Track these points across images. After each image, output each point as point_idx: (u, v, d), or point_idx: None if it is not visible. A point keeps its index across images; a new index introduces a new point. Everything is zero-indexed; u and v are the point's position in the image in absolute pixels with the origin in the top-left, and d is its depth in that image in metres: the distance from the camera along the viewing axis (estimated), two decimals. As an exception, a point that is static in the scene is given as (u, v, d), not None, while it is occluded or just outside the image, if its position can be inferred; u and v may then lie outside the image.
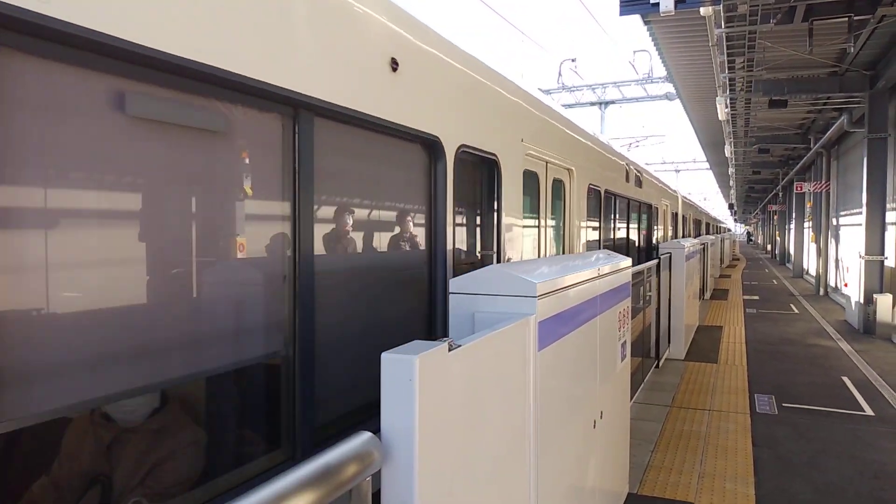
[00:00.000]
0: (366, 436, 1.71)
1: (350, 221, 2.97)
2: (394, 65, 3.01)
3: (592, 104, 26.08)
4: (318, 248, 2.64)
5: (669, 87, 22.64)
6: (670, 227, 16.76)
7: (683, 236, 20.43)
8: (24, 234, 1.62)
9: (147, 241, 1.92)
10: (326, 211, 2.75)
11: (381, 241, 3.27)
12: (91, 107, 1.76)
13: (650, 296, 8.33)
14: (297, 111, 2.46)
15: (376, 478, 1.75)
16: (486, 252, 4.31)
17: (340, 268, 2.91)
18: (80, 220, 1.76)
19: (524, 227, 4.87)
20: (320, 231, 2.67)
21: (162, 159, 1.98)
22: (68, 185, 1.74)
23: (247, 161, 2.32)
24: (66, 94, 1.70)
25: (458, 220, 3.86)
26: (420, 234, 3.50)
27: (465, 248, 4.11)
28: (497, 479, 2.37)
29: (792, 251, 29.05)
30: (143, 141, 1.91)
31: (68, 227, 1.73)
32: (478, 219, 4.36)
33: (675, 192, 18.33)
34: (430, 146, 3.48)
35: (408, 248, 3.46)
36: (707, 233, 34.12)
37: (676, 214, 18.33)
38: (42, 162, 1.65)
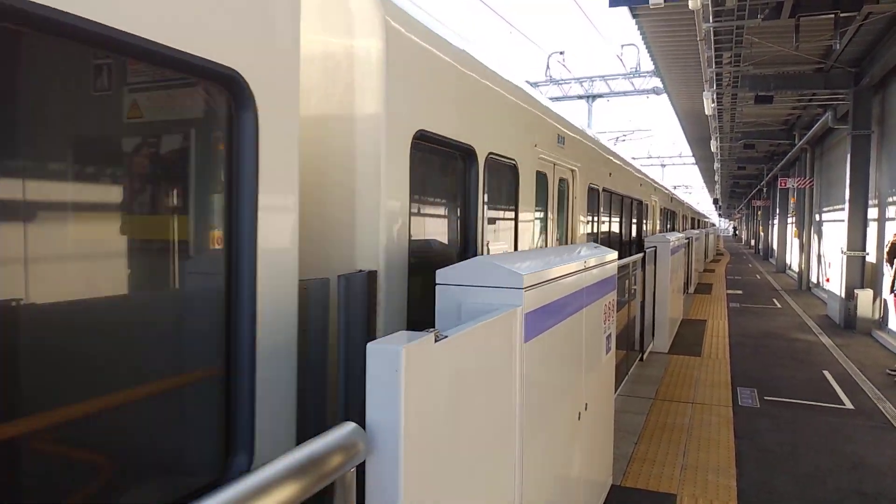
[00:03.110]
0: (350, 426, 1.70)
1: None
2: None
3: (580, 97, 26.11)
4: None
5: (657, 82, 22.73)
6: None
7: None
8: None
9: None
10: None
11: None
12: None
13: (635, 289, 8.38)
14: None
15: (361, 469, 1.74)
16: None
17: None
18: None
19: None
20: None
21: None
22: None
23: None
24: None
25: None
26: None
27: None
28: (482, 470, 2.37)
29: (775, 246, 29.36)
30: None
31: None
32: None
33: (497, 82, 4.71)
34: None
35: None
36: (672, 228, 22.35)
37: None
38: None
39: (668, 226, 21.44)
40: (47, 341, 1.62)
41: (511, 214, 4.96)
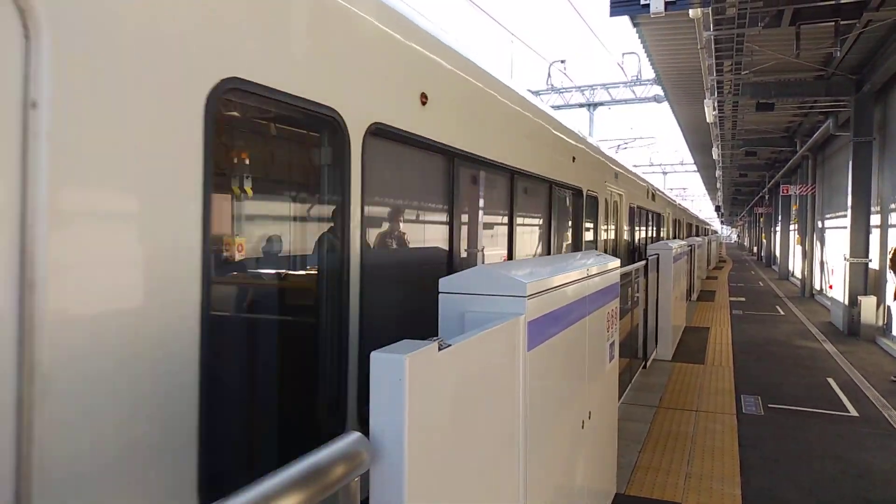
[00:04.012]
0: (354, 436, 1.69)
1: None
2: None
3: (581, 106, 26.16)
4: None
5: (658, 90, 22.76)
6: None
7: None
8: None
9: None
10: None
11: None
12: None
13: (638, 297, 8.37)
14: None
15: (365, 478, 1.74)
16: None
17: None
18: None
19: None
20: None
21: None
22: None
23: None
24: None
25: None
26: None
27: None
28: (486, 479, 2.36)
29: (778, 253, 29.31)
30: None
31: None
32: None
33: None
34: None
35: None
36: (656, 238, 16.86)
37: None
38: None
39: (649, 234, 15.53)
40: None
41: None
